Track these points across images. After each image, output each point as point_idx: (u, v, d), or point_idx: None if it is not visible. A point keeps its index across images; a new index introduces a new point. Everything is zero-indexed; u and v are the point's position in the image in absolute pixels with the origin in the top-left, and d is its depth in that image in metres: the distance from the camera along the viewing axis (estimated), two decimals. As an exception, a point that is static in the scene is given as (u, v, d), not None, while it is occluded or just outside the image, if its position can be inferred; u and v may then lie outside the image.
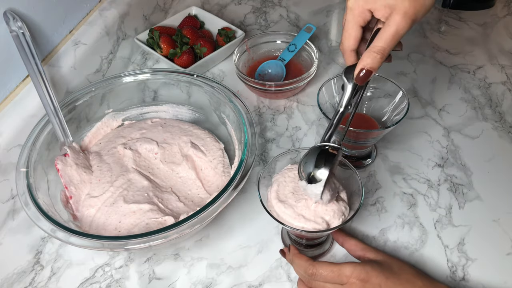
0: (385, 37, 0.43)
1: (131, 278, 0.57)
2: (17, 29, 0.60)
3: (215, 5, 1.00)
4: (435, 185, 0.64)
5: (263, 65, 0.81)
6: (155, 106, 0.72)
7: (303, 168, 0.48)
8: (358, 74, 0.45)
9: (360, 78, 0.45)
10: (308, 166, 0.47)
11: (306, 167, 0.47)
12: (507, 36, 0.88)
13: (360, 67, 0.45)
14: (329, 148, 0.48)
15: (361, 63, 0.45)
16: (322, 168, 0.46)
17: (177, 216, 0.57)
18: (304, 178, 0.47)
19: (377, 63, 0.44)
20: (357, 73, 0.45)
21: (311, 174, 0.47)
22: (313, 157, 0.47)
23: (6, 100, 0.62)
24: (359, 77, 0.45)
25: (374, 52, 0.44)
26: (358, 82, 0.45)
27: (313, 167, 0.47)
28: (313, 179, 0.46)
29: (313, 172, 0.47)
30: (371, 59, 0.44)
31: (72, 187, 0.60)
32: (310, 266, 0.50)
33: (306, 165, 0.48)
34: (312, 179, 0.47)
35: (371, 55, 0.44)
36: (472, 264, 0.56)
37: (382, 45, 0.43)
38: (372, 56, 0.44)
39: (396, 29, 0.43)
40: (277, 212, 0.50)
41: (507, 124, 0.72)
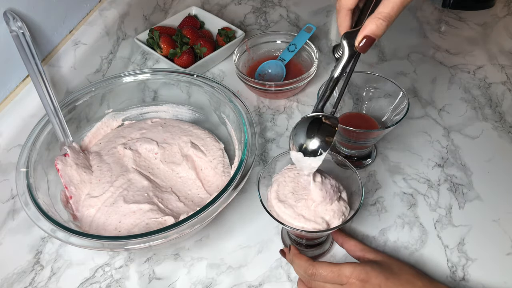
0: (393, 2, 0.40)
1: (131, 278, 0.57)
2: (17, 29, 0.60)
3: (215, 5, 1.00)
4: (435, 185, 0.64)
5: (263, 65, 0.80)
6: (155, 106, 0.72)
7: (294, 139, 0.45)
8: (361, 41, 0.41)
9: (362, 46, 0.42)
10: (299, 137, 0.44)
11: (297, 138, 0.44)
12: (507, 36, 0.88)
13: (363, 34, 0.41)
14: (322, 118, 0.45)
15: (365, 30, 0.41)
16: (314, 138, 0.44)
17: (177, 216, 0.57)
18: (295, 144, 0.45)
19: (382, 30, 0.41)
20: (360, 39, 0.42)
21: (303, 145, 0.44)
22: (304, 126, 0.45)
23: (6, 100, 0.62)
24: (362, 44, 0.42)
25: (380, 19, 0.40)
26: (361, 50, 0.42)
27: (305, 138, 0.44)
28: (306, 151, 0.44)
29: (305, 143, 0.44)
30: (376, 26, 0.40)
31: (72, 187, 0.60)
32: (310, 266, 0.50)
33: (296, 136, 0.45)
34: (304, 151, 0.44)
35: (377, 21, 0.40)
36: (472, 264, 0.56)
37: (389, 12, 0.40)
38: (378, 22, 0.40)
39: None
40: (277, 212, 0.50)
41: (507, 124, 0.72)
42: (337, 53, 0.45)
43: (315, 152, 0.44)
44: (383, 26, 0.40)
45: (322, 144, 0.44)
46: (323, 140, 0.44)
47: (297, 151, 0.45)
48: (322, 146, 0.44)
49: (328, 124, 0.45)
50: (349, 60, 0.44)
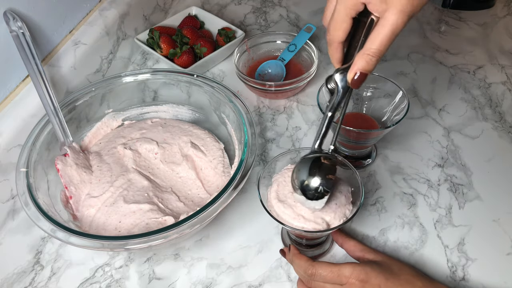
0: (381, 38, 0.40)
1: (131, 278, 0.57)
2: (17, 29, 0.60)
3: (215, 5, 1.00)
4: (435, 185, 0.64)
5: (263, 65, 0.80)
6: (155, 106, 0.72)
7: (296, 176, 0.46)
8: (353, 77, 0.42)
9: (355, 82, 0.43)
10: (301, 176, 0.46)
11: (299, 177, 0.46)
12: (507, 36, 0.88)
13: (354, 71, 0.42)
14: (321, 158, 0.46)
15: (355, 66, 0.42)
16: (316, 176, 0.45)
17: (177, 216, 0.57)
18: (297, 187, 0.46)
19: (372, 65, 0.42)
20: (352, 76, 0.42)
21: (304, 182, 0.45)
22: (305, 167, 0.46)
23: (6, 100, 0.62)
24: (354, 81, 0.42)
25: (369, 55, 0.41)
26: (354, 87, 0.43)
27: (306, 175, 0.45)
28: (307, 187, 0.45)
29: (307, 180, 0.45)
30: (366, 62, 0.41)
31: (72, 187, 0.60)
32: (309, 266, 0.50)
33: (299, 175, 0.46)
34: (305, 187, 0.45)
35: (366, 58, 0.41)
36: (472, 264, 0.56)
37: (377, 48, 0.41)
38: (367, 59, 0.41)
39: (392, 29, 0.40)
40: (277, 212, 0.50)
41: (507, 124, 0.72)
42: (330, 85, 0.46)
43: (317, 190, 0.45)
44: (373, 61, 0.41)
45: (323, 182, 0.45)
46: (324, 178, 0.45)
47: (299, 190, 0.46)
48: (324, 184, 0.45)
49: (328, 164, 0.46)
50: (343, 96, 0.44)
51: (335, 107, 0.45)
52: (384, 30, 0.40)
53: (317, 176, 0.45)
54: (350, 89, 0.45)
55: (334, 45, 0.45)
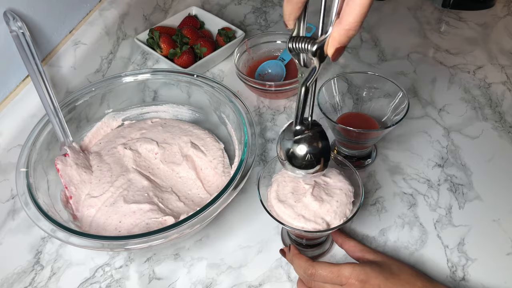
0: (357, 11, 0.37)
1: (131, 278, 0.57)
2: (17, 29, 0.60)
3: (215, 5, 1.00)
4: (435, 185, 0.64)
5: (263, 65, 0.80)
6: (155, 106, 0.72)
7: (281, 146, 0.46)
8: (334, 52, 0.40)
9: (336, 56, 0.40)
10: (286, 143, 0.45)
11: (284, 143, 0.45)
12: (507, 36, 0.88)
13: (334, 46, 0.40)
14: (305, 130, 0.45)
15: (335, 41, 0.39)
16: (301, 144, 0.44)
17: (177, 216, 0.57)
18: (283, 157, 0.46)
19: (350, 38, 0.39)
20: (333, 51, 0.40)
21: (290, 150, 0.45)
22: (290, 133, 0.45)
23: (6, 100, 0.62)
24: (335, 55, 0.40)
25: (349, 29, 0.38)
26: (334, 60, 0.41)
27: (291, 143, 0.45)
28: (293, 155, 0.45)
29: (292, 147, 0.45)
30: (346, 36, 0.39)
31: (72, 187, 0.60)
32: (309, 266, 0.50)
33: (284, 141, 0.45)
34: (291, 155, 0.45)
35: (346, 32, 0.39)
36: (472, 264, 0.56)
37: (355, 20, 0.38)
38: (347, 33, 0.39)
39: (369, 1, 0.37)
40: (277, 212, 0.50)
41: (507, 124, 0.72)
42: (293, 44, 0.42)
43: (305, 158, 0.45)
44: (352, 34, 0.39)
45: (309, 149, 0.45)
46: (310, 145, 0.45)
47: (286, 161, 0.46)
48: (310, 151, 0.45)
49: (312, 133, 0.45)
50: (318, 68, 0.42)
51: (310, 80, 0.43)
52: (361, 1, 0.37)
53: (302, 144, 0.45)
54: (324, 61, 0.42)
55: (297, 5, 0.42)
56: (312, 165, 0.45)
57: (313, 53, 0.41)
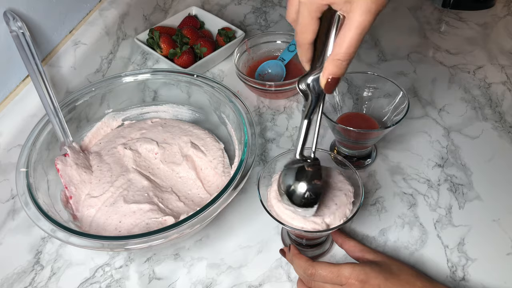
0: (348, 41, 0.39)
1: (131, 278, 0.57)
2: (17, 29, 0.60)
3: (215, 5, 1.00)
4: (435, 185, 0.64)
5: (263, 65, 0.80)
6: (155, 106, 0.72)
7: (283, 180, 0.47)
8: (326, 83, 0.42)
9: (328, 87, 0.42)
10: (288, 179, 0.46)
11: (286, 179, 0.46)
12: (507, 36, 0.88)
13: (326, 76, 0.41)
14: (305, 166, 0.46)
15: (326, 72, 0.41)
16: (302, 181, 0.45)
17: (177, 216, 0.57)
18: (283, 192, 0.46)
19: (343, 69, 0.41)
20: (325, 82, 0.42)
21: (291, 187, 0.46)
22: (292, 171, 0.46)
23: (6, 100, 0.62)
24: (327, 85, 0.42)
25: (339, 60, 0.40)
26: (327, 92, 0.43)
27: (293, 180, 0.45)
28: (293, 192, 0.46)
29: (293, 185, 0.45)
30: (336, 67, 0.40)
31: (72, 187, 0.60)
32: (309, 266, 0.50)
33: (286, 177, 0.46)
34: (291, 192, 0.46)
35: (336, 62, 0.40)
36: (472, 264, 0.56)
37: (346, 51, 0.39)
38: (337, 63, 0.40)
39: (359, 31, 0.38)
40: (276, 212, 0.50)
41: (507, 124, 0.72)
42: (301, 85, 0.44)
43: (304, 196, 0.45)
44: (344, 65, 0.40)
45: (309, 187, 0.45)
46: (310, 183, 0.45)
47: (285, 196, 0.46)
48: (310, 189, 0.45)
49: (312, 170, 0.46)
50: (317, 101, 0.44)
51: (311, 113, 0.44)
52: (350, 33, 0.39)
53: (303, 182, 0.45)
54: (323, 94, 0.44)
55: (304, 47, 0.44)
56: (311, 204, 0.46)
57: (308, 86, 0.43)
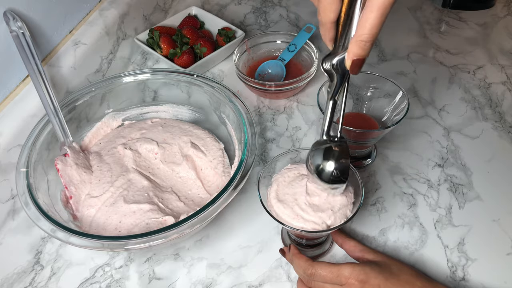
0: (371, 23, 0.39)
1: (131, 278, 0.57)
2: (17, 29, 0.60)
3: (215, 5, 1.00)
4: (435, 185, 0.64)
5: (263, 65, 0.81)
6: (155, 106, 0.72)
7: (311, 160, 0.47)
8: (352, 64, 0.42)
9: (353, 68, 0.42)
10: (316, 158, 0.47)
11: (314, 159, 0.47)
12: (507, 36, 0.88)
13: (351, 58, 0.41)
14: (332, 145, 0.47)
15: (350, 53, 0.41)
16: (330, 160, 0.46)
17: (177, 216, 0.57)
18: (313, 170, 0.47)
19: (367, 50, 0.41)
20: (350, 63, 0.42)
21: (320, 166, 0.47)
22: (320, 150, 0.47)
23: (6, 100, 0.62)
24: (353, 67, 0.42)
25: (363, 41, 0.40)
26: (353, 73, 0.43)
27: (321, 159, 0.46)
28: (322, 171, 0.46)
29: (322, 164, 0.46)
30: (361, 48, 0.40)
31: (72, 187, 0.60)
32: (309, 266, 0.50)
33: (314, 157, 0.47)
34: (320, 171, 0.46)
35: (360, 44, 0.40)
36: (472, 264, 0.56)
37: (369, 33, 0.39)
38: (361, 45, 0.40)
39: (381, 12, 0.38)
40: (276, 212, 0.50)
41: (507, 124, 0.72)
42: (325, 65, 0.45)
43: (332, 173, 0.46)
44: (367, 46, 0.40)
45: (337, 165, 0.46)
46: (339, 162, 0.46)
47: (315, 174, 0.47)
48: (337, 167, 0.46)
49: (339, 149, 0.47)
50: (341, 82, 0.44)
51: (336, 94, 0.45)
52: (372, 14, 0.38)
53: (331, 160, 0.46)
54: (348, 74, 0.45)
55: (326, 26, 0.43)
56: (340, 181, 0.47)
57: (333, 66, 0.43)
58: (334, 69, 0.44)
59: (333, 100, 0.45)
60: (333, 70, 0.44)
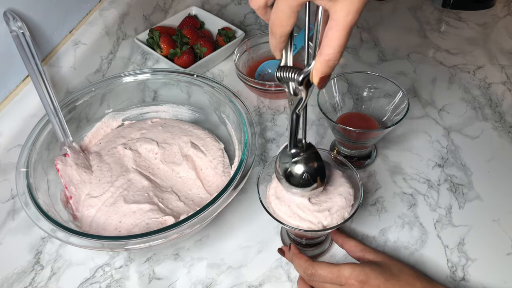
0: (337, 42, 0.39)
1: (131, 278, 0.57)
2: (17, 29, 0.60)
3: (215, 5, 1.00)
4: (435, 185, 0.64)
5: (263, 65, 0.80)
6: (155, 106, 0.72)
7: (279, 164, 0.48)
8: (319, 81, 0.42)
9: (321, 84, 0.42)
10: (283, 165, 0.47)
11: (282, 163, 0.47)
12: (507, 36, 0.88)
13: (318, 76, 0.41)
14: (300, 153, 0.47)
15: (318, 72, 0.41)
16: (298, 164, 0.46)
17: (177, 216, 0.57)
18: (281, 175, 0.47)
19: (333, 67, 0.41)
20: (318, 81, 0.42)
21: (287, 169, 0.47)
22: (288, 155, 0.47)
23: (6, 100, 0.62)
24: (320, 84, 0.42)
25: (330, 60, 0.40)
26: (320, 88, 0.43)
27: (290, 163, 0.47)
28: (290, 174, 0.47)
29: (290, 167, 0.47)
30: (327, 66, 0.40)
31: (72, 187, 0.60)
32: (309, 266, 0.50)
33: (281, 162, 0.48)
34: (289, 174, 0.47)
35: (328, 63, 0.40)
36: (472, 264, 0.56)
37: (335, 52, 0.39)
38: (328, 64, 0.40)
39: (346, 30, 0.38)
40: (273, 209, 0.50)
41: (507, 124, 0.72)
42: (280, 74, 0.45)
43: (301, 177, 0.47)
44: (334, 64, 0.40)
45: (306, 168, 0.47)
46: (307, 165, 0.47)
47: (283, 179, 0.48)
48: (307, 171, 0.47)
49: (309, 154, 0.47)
50: (306, 97, 0.44)
51: (299, 108, 0.45)
52: (338, 33, 0.38)
53: (300, 164, 0.47)
54: (312, 89, 0.45)
55: (281, 38, 0.44)
56: (309, 183, 0.47)
57: (299, 83, 0.43)
58: (301, 86, 0.44)
59: (296, 114, 0.45)
60: (299, 87, 0.44)
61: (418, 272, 0.51)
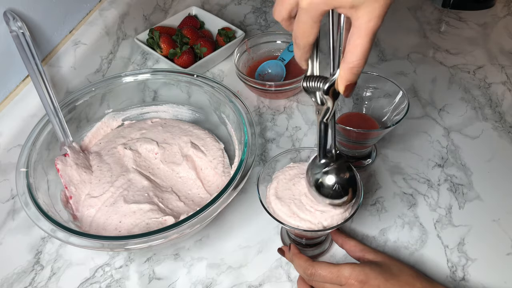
0: (361, 49, 0.39)
1: (131, 278, 0.57)
2: (17, 29, 0.60)
3: (215, 5, 1.00)
4: (435, 185, 0.64)
5: (263, 65, 0.80)
6: (155, 106, 0.72)
7: (311, 173, 0.48)
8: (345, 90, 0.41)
9: (347, 93, 0.42)
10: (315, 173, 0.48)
11: (313, 173, 0.48)
12: (507, 36, 0.88)
13: (344, 84, 0.41)
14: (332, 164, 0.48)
15: (343, 80, 0.41)
16: (329, 174, 0.47)
17: (177, 216, 0.57)
18: (312, 184, 0.48)
19: (358, 75, 0.41)
20: (344, 89, 0.41)
21: (318, 180, 0.47)
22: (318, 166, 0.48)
23: (6, 100, 0.62)
24: (346, 92, 0.42)
25: (355, 67, 0.40)
26: (347, 96, 0.43)
27: (321, 174, 0.47)
28: (321, 185, 0.47)
29: (321, 178, 0.47)
30: (352, 74, 0.40)
31: (72, 187, 0.60)
32: (309, 266, 0.50)
33: (312, 171, 0.48)
34: (320, 185, 0.47)
35: (352, 70, 0.40)
36: (472, 264, 0.56)
37: (359, 59, 0.39)
38: (353, 71, 0.40)
39: (370, 37, 0.38)
40: (273, 209, 0.50)
41: (507, 124, 0.72)
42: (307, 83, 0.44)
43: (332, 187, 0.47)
44: (359, 72, 0.40)
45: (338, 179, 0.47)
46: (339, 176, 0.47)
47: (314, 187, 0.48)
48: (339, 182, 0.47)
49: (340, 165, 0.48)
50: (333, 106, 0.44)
51: (327, 118, 0.45)
52: (361, 40, 0.39)
53: (331, 174, 0.47)
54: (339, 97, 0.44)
55: (305, 49, 0.44)
56: (340, 195, 0.47)
57: (325, 92, 0.43)
58: (327, 95, 0.43)
59: (324, 123, 0.45)
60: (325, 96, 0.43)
61: (418, 272, 0.51)
